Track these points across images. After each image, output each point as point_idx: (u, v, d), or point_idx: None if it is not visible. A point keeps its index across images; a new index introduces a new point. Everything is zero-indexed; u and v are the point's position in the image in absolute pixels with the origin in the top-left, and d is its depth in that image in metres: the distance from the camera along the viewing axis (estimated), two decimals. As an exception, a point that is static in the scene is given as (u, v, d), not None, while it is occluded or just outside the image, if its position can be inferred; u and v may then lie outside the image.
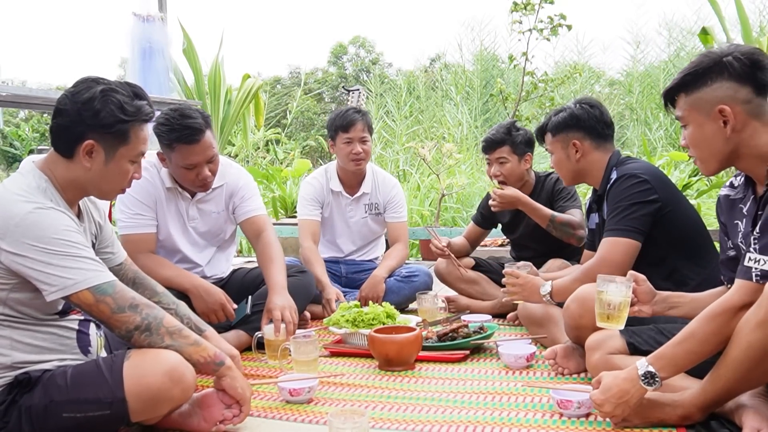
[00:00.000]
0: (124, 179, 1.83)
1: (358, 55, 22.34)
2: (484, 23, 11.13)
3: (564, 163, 2.53)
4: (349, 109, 3.46)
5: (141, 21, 5.68)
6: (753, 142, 1.68)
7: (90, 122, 1.71)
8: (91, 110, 1.71)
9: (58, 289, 1.62)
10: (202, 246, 2.89)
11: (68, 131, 1.73)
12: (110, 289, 1.66)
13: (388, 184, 3.60)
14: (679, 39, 9.90)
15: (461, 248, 3.42)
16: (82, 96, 1.72)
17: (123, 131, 1.75)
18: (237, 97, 7.53)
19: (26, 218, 1.62)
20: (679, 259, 2.26)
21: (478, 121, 9.62)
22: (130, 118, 1.75)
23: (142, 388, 1.64)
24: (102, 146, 1.74)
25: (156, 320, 1.71)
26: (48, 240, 1.62)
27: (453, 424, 1.87)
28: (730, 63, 1.67)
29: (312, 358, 2.29)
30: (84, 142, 1.73)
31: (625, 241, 2.24)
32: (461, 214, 6.72)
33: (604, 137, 2.48)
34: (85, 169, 1.75)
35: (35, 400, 1.63)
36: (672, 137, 8.57)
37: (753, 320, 1.52)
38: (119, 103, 1.73)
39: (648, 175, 2.28)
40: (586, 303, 2.12)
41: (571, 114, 2.49)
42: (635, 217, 2.24)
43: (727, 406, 1.71)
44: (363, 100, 5.45)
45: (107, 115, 1.72)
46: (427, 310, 3.01)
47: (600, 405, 1.72)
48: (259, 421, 1.95)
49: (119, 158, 1.78)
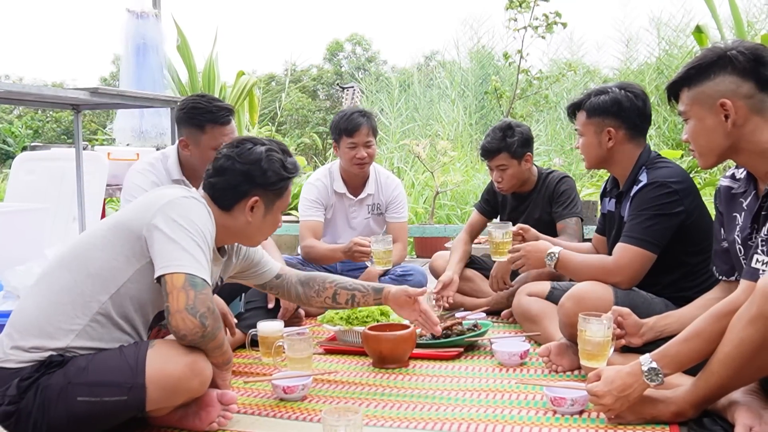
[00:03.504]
0: (274, 228, 2.03)
1: (354, 53, 22.31)
2: (479, 21, 11.12)
3: (593, 148, 2.39)
4: (354, 112, 3.39)
5: (135, 17, 5.66)
6: (754, 137, 1.68)
7: (259, 181, 1.89)
8: (259, 170, 1.89)
9: (165, 265, 1.69)
10: None
11: (235, 189, 1.90)
12: (200, 286, 1.70)
13: (391, 184, 3.60)
14: (666, 38, 9.91)
15: (464, 258, 3.35)
16: (249, 157, 1.89)
17: (284, 188, 1.95)
18: (231, 94, 7.50)
19: (181, 199, 1.78)
20: (690, 265, 2.26)
21: (473, 118, 9.62)
22: (291, 175, 1.95)
23: (164, 375, 1.67)
24: (264, 202, 1.92)
25: (210, 337, 1.73)
26: (188, 221, 1.74)
27: (447, 421, 1.87)
28: (734, 57, 1.68)
29: (306, 355, 2.29)
30: (250, 198, 1.90)
31: (642, 252, 2.20)
32: (456, 211, 6.73)
33: (640, 130, 2.36)
34: (245, 222, 1.93)
35: (54, 380, 1.64)
36: (665, 135, 8.58)
37: (745, 317, 1.52)
38: (281, 162, 1.93)
39: (678, 184, 2.21)
40: (581, 301, 2.15)
41: (614, 100, 2.34)
42: (657, 230, 2.19)
43: (720, 403, 1.72)
44: (358, 97, 5.44)
45: (273, 174, 1.90)
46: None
47: (601, 397, 1.73)
48: (253, 419, 1.95)
49: (276, 211, 1.98)
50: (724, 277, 1.93)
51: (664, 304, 2.22)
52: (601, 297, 2.17)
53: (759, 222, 1.69)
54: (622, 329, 1.99)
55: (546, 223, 3.14)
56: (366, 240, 3.13)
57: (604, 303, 2.11)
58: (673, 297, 2.24)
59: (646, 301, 2.22)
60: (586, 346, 1.95)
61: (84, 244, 1.79)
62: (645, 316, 2.07)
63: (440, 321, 2.82)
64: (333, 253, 3.26)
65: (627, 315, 1.99)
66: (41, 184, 4.79)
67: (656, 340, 1.95)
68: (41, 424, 1.63)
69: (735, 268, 1.85)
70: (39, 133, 18.02)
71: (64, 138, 17.56)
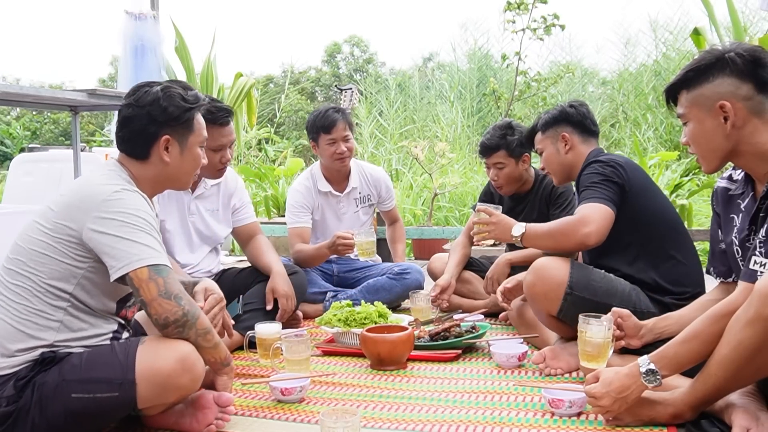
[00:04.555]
0: (197, 165, 1.98)
1: (353, 54, 22.33)
2: (477, 23, 11.15)
3: (554, 158, 2.58)
4: (328, 109, 3.45)
5: (133, 19, 5.66)
6: (753, 139, 1.68)
7: (161, 119, 1.86)
8: (159, 108, 1.86)
9: (123, 265, 1.68)
10: (196, 245, 2.89)
11: (142, 134, 1.87)
12: (165, 272, 1.72)
13: (375, 174, 3.67)
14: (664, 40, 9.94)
15: (462, 261, 3.34)
16: (146, 99, 1.87)
17: (189, 120, 1.91)
18: (229, 96, 7.49)
19: (112, 196, 1.74)
20: (643, 247, 2.29)
21: (471, 120, 9.63)
22: (192, 106, 1.91)
23: (154, 372, 1.67)
24: (176, 139, 1.90)
25: (192, 318, 1.74)
26: (126, 215, 1.72)
27: (445, 423, 1.87)
28: (732, 59, 1.68)
29: (304, 357, 2.29)
30: (160, 139, 1.87)
31: (601, 206, 2.24)
32: (454, 213, 6.73)
33: (591, 133, 2.58)
34: (164, 164, 1.90)
35: (49, 377, 1.66)
36: (662, 137, 8.60)
37: (743, 318, 1.52)
38: (180, 95, 1.90)
39: (614, 161, 2.33)
40: (539, 272, 2.24)
41: (561, 110, 2.60)
42: (606, 188, 2.27)
43: (717, 405, 1.72)
44: (356, 98, 5.43)
45: (175, 108, 1.87)
46: (421, 309, 3.01)
47: (599, 398, 1.72)
48: (250, 421, 1.95)
49: (191, 146, 1.94)
50: (721, 279, 1.94)
51: (622, 280, 2.25)
52: (558, 267, 2.23)
53: (757, 223, 1.69)
54: (621, 330, 1.99)
55: None
56: (349, 233, 3.15)
57: (560, 273, 2.20)
58: (631, 279, 2.27)
59: (606, 278, 2.25)
60: (586, 347, 1.95)
61: (28, 250, 1.75)
62: (604, 290, 2.17)
63: (438, 323, 2.83)
64: (319, 251, 3.27)
65: (627, 316, 1.99)
66: (39, 186, 4.79)
67: (655, 341, 1.95)
68: (39, 423, 1.63)
69: (733, 269, 1.85)
70: (37, 134, 18.01)
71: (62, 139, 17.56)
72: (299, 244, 3.38)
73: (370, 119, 9.65)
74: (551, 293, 2.20)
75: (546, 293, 2.22)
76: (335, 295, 3.31)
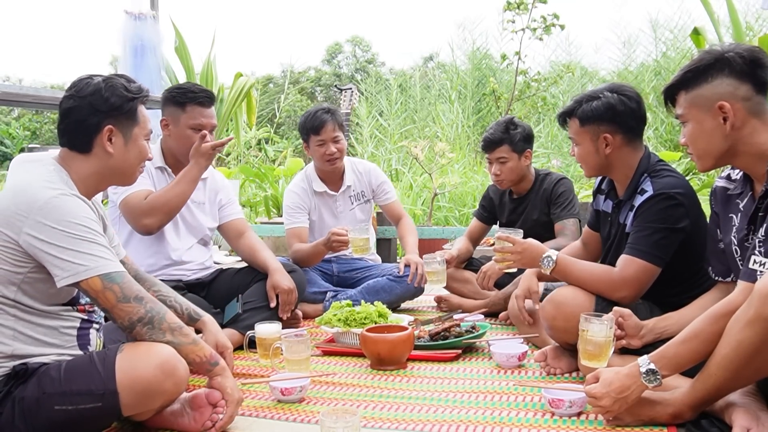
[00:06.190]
0: (143, 158, 1.93)
1: (354, 54, 22.32)
2: (477, 23, 11.14)
3: (591, 157, 2.29)
4: (318, 110, 3.43)
5: (133, 19, 5.66)
6: (752, 140, 1.68)
7: (103, 109, 1.82)
8: (101, 98, 1.81)
9: (70, 275, 1.65)
10: (183, 233, 2.89)
11: (84, 125, 1.82)
12: (119, 278, 1.70)
13: (367, 170, 3.64)
14: (663, 40, 9.93)
15: (465, 253, 3.40)
16: (87, 90, 1.82)
17: (133, 110, 1.87)
18: (229, 96, 7.50)
19: (50, 202, 1.67)
20: (687, 279, 2.20)
21: (471, 120, 9.62)
22: (135, 96, 1.87)
23: (135, 380, 1.66)
24: (119, 130, 1.85)
25: (159, 315, 1.74)
26: (67, 224, 1.66)
27: (445, 423, 1.87)
28: (732, 59, 1.68)
29: (304, 357, 2.29)
30: (102, 130, 1.82)
31: (649, 266, 2.12)
32: (454, 213, 6.72)
33: (637, 133, 2.27)
34: (107, 156, 1.84)
35: (29, 392, 1.64)
36: (662, 137, 8.59)
37: (743, 319, 1.52)
38: (122, 85, 1.85)
39: (684, 197, 2.14)
40: (561, 307, 2.16)
41: (607, 105, 2.23)
42: (664, 244, 2.12)
43: (717, 405, 1.72)
44: (355, 98, 5.42)
45: (117, 98, 1.83)
46: (436, 272, 3.03)
47: (599, 399, 1.72)
48: (250, 421, 1.95)
49: (135, 138, 1.89)
50: (720, 278, 1.94)
51: (649, 308, 2.18)
52: (582, 305, 2.12)
53: (756, 223, 1.69)
54: (622, 330, 1.99)
55: (544, 225, 3.16)
56: (343, 229, 3.14)
57: (584, 311, 2.03)
58: (663, 304, 2.19)
59: (630, 307, 2.15)
60: (587, 346, 1.94)
61: None
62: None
63: (438, 322, 2.83)
64: (316, 248, 3.27)
65: (628, 316, 1.99)
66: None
67: (655, 341, 1.95)
68: None
69: (731, 268, 1.85)
70: (37, 134, 17.99)
71: (61, 139, 17.49)
72: (297, 244, 3.39)
73: (371, 119, 9.65)
74: (572, 329, 2.02)
75: (567, 329, 2.11)
76: (335, 295, 3.31)
